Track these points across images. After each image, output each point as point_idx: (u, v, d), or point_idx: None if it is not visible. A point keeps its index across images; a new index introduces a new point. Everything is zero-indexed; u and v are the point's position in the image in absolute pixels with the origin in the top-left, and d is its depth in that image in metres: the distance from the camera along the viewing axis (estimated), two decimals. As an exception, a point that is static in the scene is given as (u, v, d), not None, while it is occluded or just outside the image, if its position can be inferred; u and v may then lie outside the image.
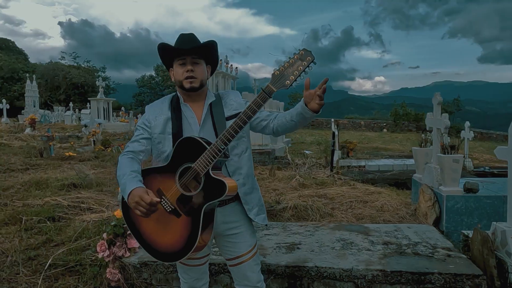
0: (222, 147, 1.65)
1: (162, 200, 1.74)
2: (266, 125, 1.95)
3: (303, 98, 1.76)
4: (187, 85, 1.83)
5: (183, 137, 1.76)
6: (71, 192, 6.06)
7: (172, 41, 1.93)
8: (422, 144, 6.14)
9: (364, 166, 9.76)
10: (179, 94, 1.93)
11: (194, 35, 1.89)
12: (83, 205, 5.29)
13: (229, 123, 1.75)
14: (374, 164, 9.85)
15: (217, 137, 1.76)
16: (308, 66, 1.61)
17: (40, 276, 3.19)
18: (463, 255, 2.88)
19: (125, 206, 1.82)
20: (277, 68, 1.64)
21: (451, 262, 2.72)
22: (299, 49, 1.63)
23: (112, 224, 3.03)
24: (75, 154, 10.07)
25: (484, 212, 3.96)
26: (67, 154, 9.84)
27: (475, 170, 9.09)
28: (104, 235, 3.02)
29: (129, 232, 3.02)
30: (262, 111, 1.92)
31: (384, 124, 29.04)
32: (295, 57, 1.62)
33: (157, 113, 1.91)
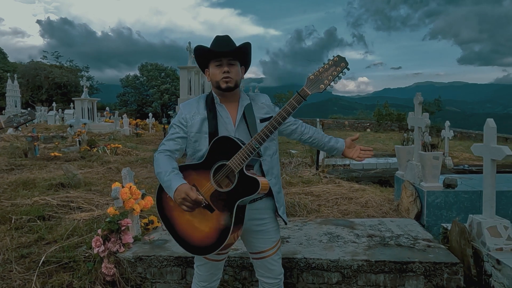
0: (257, 146, 1.76)
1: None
2: (294, 129, 2.10)
3: (344, 141, 2.08)
4: (223, 85, 1.92)
5: (219, 136, 1.86)
6: (59, 191, 6.07)
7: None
8: (404, 143, 6.35)
9: (348, 165, 9.97)
10: (214, 94, 2.01)
11: (229, 37, 1.97)
12: (72, 204, 5.32)
13: (261, 125, 1.90)
14: (358, 163, 10.08)
15: (251, 137, 1.86)
16: (341, 72, 1.72)
17: (34, 273, 3.24)
18: (442, 246, 3.07)
19: (159, 201, 1.93)
20: (312, 73, 1.74)
21: (431, 252, 2.89)
22: (333, 56, 1.74)
23: (107, 220, 3.11)
24: (60, 154, 10.00)
25: (463, 206, 4.17)
26: (52, 154, 9.77)
27: (455, 168, 9.40)
28: (99, 231, 3.10)
29: (123, 227, 3.10)
30: None
31: (368, 124, 29.51)
32: (330, 62, 1.72)
33: (194, 112, 1.98)
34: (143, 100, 37.55)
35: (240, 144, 1.79)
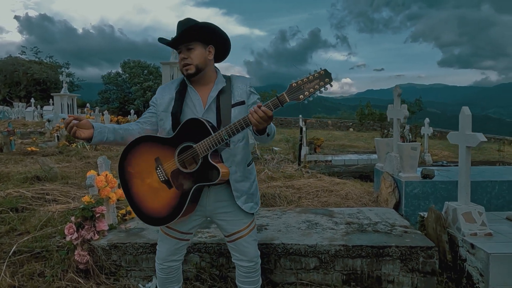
0: (226, 138, 1.75)
1: (158, 168, 1.88)
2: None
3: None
4: (184, 72, 1.93)
5: (192, 117, 1.85)
6: (35, 184, 5.90)
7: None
8: (384, 137, 6.42)
9: (330, 161, 10.05)
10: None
11: (188, 20, 1.92)
12: (48, 196, 5.18)
13: (234, 110, 1.90)
14: (340, 159, 10.17)
15: (218, 122, 1.88)
16: (324, 87, 1.67)
17: (3, 262, 3.13)
18: (418, 231, 3.10)
19: (121, 168, 1.97)
20: (295, 81, 1.69)
21: (407, 237, 2.92)
22: (320, 68, 1.69)
23: (81, 207, 3.02)
24: (37, 149, 9.75)
25: (440, 196, 4.23)
26: (29, 149, 9.52)
27: (434, 164, 9.58)
28: (72, 218, 3.01)
29: (98, 215, 3.03)
30: None
31: (351, 124, 29.83)
32: (315, 75, 1.67)
33: (165, 92, 2.03)
34: (125, 97, 36.98)
35: (211, 130, 1.78)
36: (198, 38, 1.91)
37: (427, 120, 10.22)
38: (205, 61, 1.93)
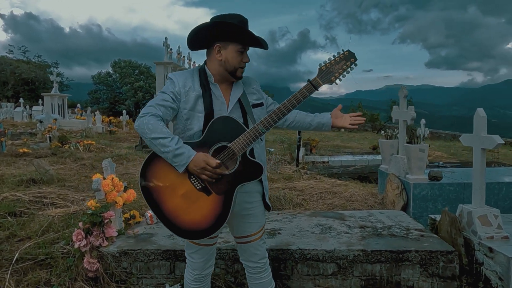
0: (263, 131, 1.69)
1: (192, 176, 1.71)
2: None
3: (329, 113, 2.01)
4: (239, 73, 1.83)
5: (222, 115, 1.75)
6: (30, 187, 5.73)
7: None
8: (388, 138, 6.41)
9: (327, 162, 10.03)
10: (209, 72, 1.84)
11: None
12: (45, 200, 5.02)
13: (255, 111, 1.85)
14: (337, 159, 10.16)
15: (245, 121, 1.82)
16: (350, 67, 1.72)
17: (7, 271, 3.00)
18: (435, 235, 3.06)
19: (145, 182, 1.76)
20: (323, 64, 1.71)
21: (425, 241, 2.87)
22: (343, 50, 1.72)
23: (89, 213, 2.91)
24: (30, 151, 9.52)
25: (447, 198, 4.21)
26: (21, 150, 9.28)
27: (430, 165, 9.62)
28: (80, 224, 2.90)
29: (106, 220, 2.92)
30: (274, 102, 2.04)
31: (342, 124, 29.95)
32: (341, 56, 1.71)
33: (189, 87, 1.81)
34: (115, 97, 36.54)
35: (245, 127, 1.71)
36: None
37: (423, 121, 10.28)
38: None
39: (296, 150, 9.55)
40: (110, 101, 36.34)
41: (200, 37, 1.81)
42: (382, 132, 10.85)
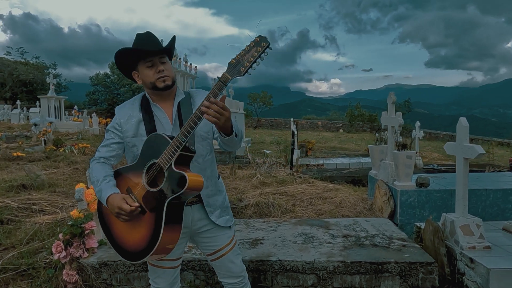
0: (183, 140, 1.62)
1: (132, 195, 1.72)
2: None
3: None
4: (160, 84, 1.80)
5: (152, 133, 1.74)
6: (20, 193, 5.73)
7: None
8: (378, 143, 6.40)
9: (322, 164, 10.02)
10: (147, 95, 1.88)
11: (151, 33, 1.86)
12: (34, 206, 5.02)
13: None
14: (331, 162, 10.15)
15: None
16: (263, 52, 1.61)
17: (-13, 282, 3.00)
18: (417, 245, 3.05)
19: (99, 206, 1.84)
20: (234, 57, 1.63)
21: (406, 252, 2.87)
22: (255, 37, 1.63)
23: (69, 224, 2.90)
24: (24, 154, 9.51)
25: (435, 205, 4.20)
26: (15, 154, 9.27)
27: (425, 167, 9.62)
28: (60, 235, 2.89)
29: (87, 231, 2.91)
30: None
31: (340, 125, 29.95)
32: (251, 44, 1.62)
33: (128, 115, 1.86)
34: (114, 99, 36.50)
35: (169, 139, 1.66)
36: (169, 53, 1.87)
37: (418, 123, 10.26)
38: (174, 76, 1.89)
39: (290, 153, 9.56)
40: (108, 102, 36.30)
41: (126, 74, 1.91)
42: (376, 134, 10.84)
